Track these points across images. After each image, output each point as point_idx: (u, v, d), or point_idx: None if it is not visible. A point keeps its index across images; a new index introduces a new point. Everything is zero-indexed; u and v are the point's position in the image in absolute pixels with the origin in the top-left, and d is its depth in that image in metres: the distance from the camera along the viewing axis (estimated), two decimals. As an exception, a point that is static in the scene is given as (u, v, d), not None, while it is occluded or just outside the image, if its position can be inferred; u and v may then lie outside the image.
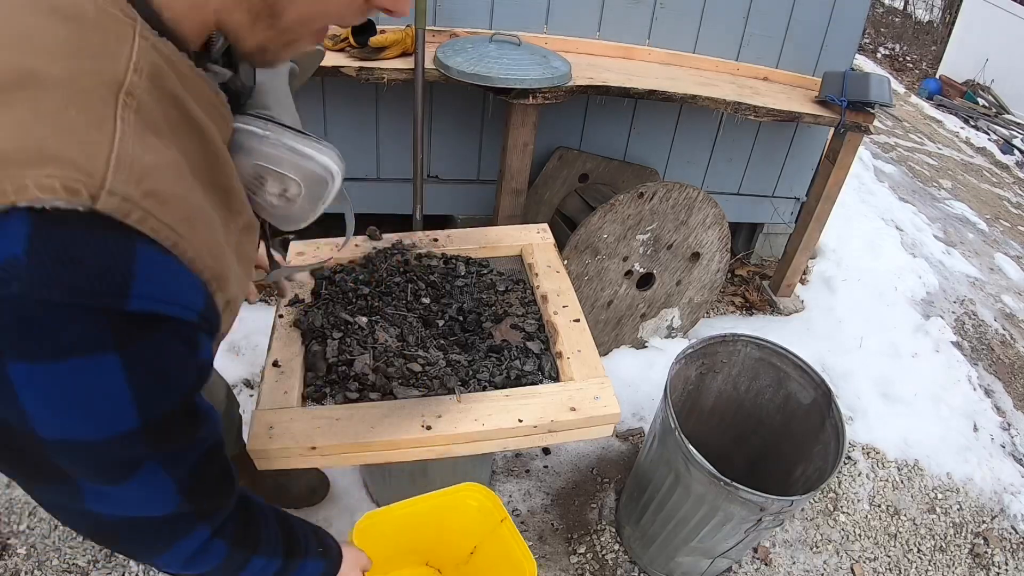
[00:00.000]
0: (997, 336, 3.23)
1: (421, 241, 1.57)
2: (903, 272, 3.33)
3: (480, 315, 1.39)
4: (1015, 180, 5.45)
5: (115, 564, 1.72)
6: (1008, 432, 2.66)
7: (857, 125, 2.34)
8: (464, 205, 2.56)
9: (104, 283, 0.41)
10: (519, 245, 1.60)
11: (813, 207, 2.64)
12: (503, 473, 2.07)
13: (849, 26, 2.50)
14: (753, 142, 2.71)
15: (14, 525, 1.77)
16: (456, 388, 1.21)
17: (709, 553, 1.69)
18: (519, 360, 1.30)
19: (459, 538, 1.31)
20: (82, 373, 0.44)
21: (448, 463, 1.69)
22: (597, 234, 2.12)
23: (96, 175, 0.40)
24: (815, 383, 1.73)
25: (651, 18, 2.30)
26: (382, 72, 1.90)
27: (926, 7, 8.95)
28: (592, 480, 2.11)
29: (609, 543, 1.94)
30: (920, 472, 2.36)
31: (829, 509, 2.18)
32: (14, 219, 0.38)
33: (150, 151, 0.44)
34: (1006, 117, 6.38)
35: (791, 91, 2.46)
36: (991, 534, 2.23)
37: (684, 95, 2.10)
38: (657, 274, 2.34)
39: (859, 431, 2.42)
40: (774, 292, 2.95)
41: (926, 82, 7.04)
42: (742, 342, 1.81)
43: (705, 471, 1.45)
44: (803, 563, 2.02)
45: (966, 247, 3.97)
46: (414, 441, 1.13)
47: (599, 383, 1.24)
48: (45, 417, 0.45)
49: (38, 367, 0.42)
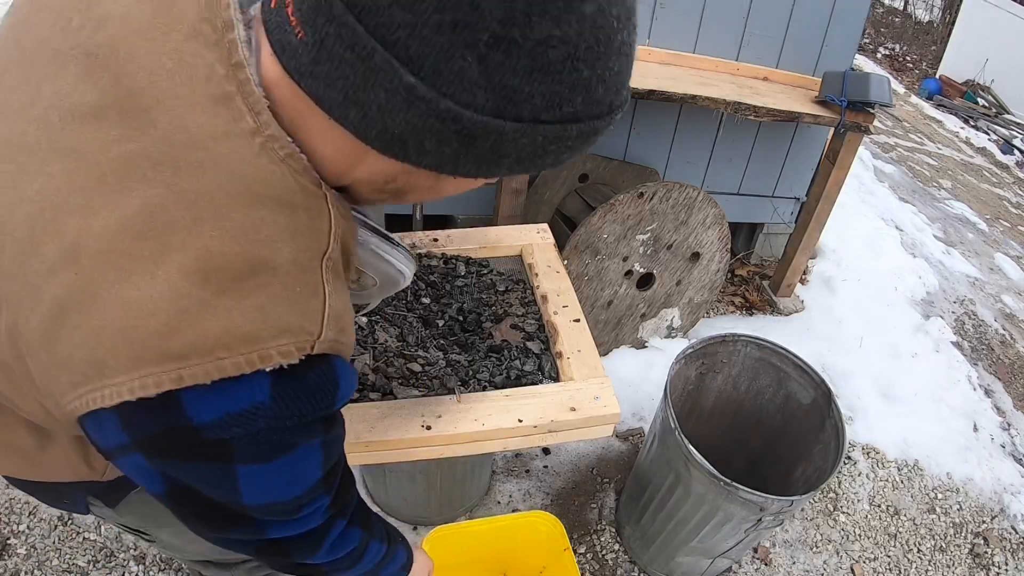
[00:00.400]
0: (997, 336, 3.23)
1: (421, 241, 1.57)
2: (903, 272, 3.33)
3: (480, 315, 1.39)
4: (1015, 180, 5.45)
5: (115, 564, 1.72)
6: (1008, 432, 2.66)
7: (857, 125, 2.34)
8: (464, 205, 2.56)
9: (324, 402, 0.55)
10: (519, 245, 1.59)
11: (813, 207, 2.64)
12: (503, 473, 2.07)
13: (849, 26, 2.49)
14: (753, 142, 2.71)
15: (14, 525, 1.77)
16: (456, 388, 1.21)
17: (709, 553, 1.69)
18: (519, 360, 1.30)
19: (531, 556, 1.50)
20: (294, 460, 0.56)
21: (448, 463, 1.69)
22: (597, 234, 2.12)
23: (315, 332, 0.52)
24: (815, 383, 1.73)
25: (651, 18, 2.30)
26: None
27: (926, 7, 8.95)
28: (592, 480, 2.11)
29: (609, 543, 1.94)
30: (920, 472, 2.36)
31: (829, 509, 2.18)
32: (260, 377, 0.49)
33: (339, 295, 0.55)
34: (1006, 117, 6.38)
35: (791, 91, 2.45)
36: (991, 534, 2.23)
37: (684, 95, 2.10)
38: (657, 274, 2.34)
39: (859, 431, 2.42)
40: (774, 292, 2.95)
41: (926, 82, 7.04)
42: (742, 342, 1.81)
43: (705, 471, 1.45)
44: (803, 563, 2.02)
45: (966, 247, 3.97)
46: (414, 441, 1.13)
47: (599, 383, 1.24)
48: (255, 493, 0.56)
49: (261, 466, 0.54)
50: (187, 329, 0.47)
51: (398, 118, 0.47)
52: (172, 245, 0.48)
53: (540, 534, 1.51)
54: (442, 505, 1.83)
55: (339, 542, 0.72)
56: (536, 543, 1.52)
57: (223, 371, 0.48)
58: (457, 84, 0.45)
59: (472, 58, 0.44)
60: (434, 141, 0.49)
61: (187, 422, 0.49)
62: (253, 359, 0.48)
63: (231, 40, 0.50)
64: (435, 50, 0.44)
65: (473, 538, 1.50)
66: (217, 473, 0.54)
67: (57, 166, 0.50)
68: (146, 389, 0.47)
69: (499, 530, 1.52)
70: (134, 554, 1.75)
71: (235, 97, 0.50)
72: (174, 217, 0.48)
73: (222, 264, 0.48)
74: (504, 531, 1.52)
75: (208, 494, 0.56)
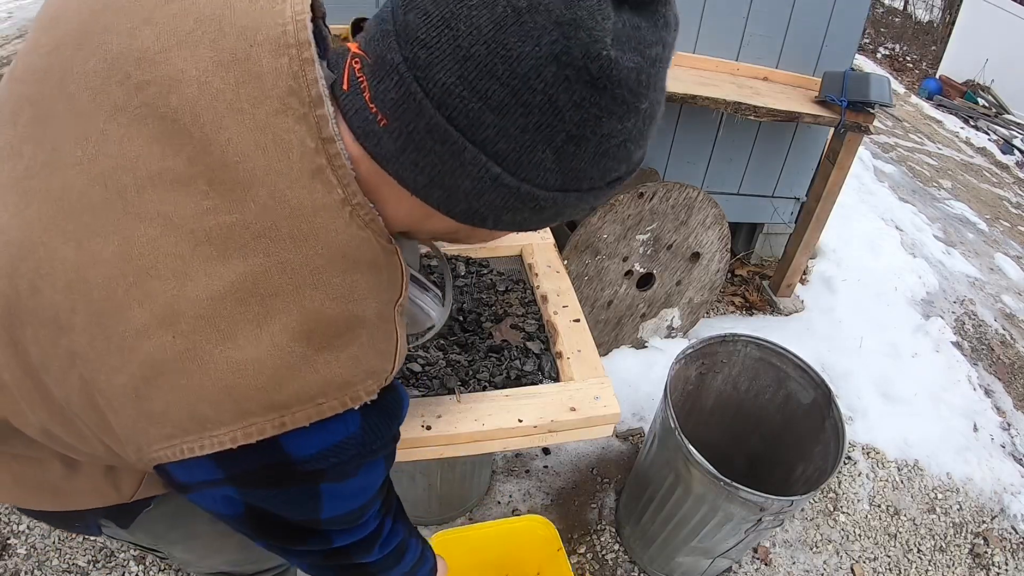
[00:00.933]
0: (997, 336, 3.23)
1: (421, 241, 1.57)
2: (903, 272, 3.33)
3: (480, 315, 1.39)
4: (1015, 180, 5.45)
5: (115, 564, 1.72)
6: (1008, 432, 2.66)
7: (857, 125, 2.34)
8: (464, 205, 2.56)
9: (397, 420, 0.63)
10: (519, 245, 1.59)
11: (813, 207, 2.64)
12: (503, 473, 2.07)
13: (849, 26, 2.49)
14: (753, 142, 2.71)
15: (14, 525, 1.77)
16: (456, 388, 1.21)
17: (709, 553, 1.69)
18: (519, 360, 1.30)
19: (529, 559, 1.57)
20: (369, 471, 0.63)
21: (448, 463, 1.69)
22: (597, 234, 2.12)
23: (389, 369, 0.59)
24: (815, 383, 1.73)
25: (651, 18, 2.30)
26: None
27: (926, 7, 8.95)
28: (592, 480, 2.11)
29: (609, 543, 1.94)
30: (920, 472, 2.36)
31: (829, 509, 2.18)
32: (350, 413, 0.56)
33: (403, 333, 0.62)
34: (1006, 117, 6.39)
35: (791, 91, 2.45)
36: (991, 534, 2.23)
37: (684, 95, 2.10)
38: (657, 274, 2.34)
39: (859, 431, 2.42)
40: (774, 292, 2.95)
41: (926, 82, 7.04)
42: (742, 342, 1.81)
43: (705, 471, 1.45)
44: (803, 563, 2.02)
45: (966, 247, 3.97)
46: (414, 441, 1.13)
47: (599, 383, 1.24)
48: (331, 508, 0.62)
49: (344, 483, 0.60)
50: (291, 383, 0.51)
51: (483, 200, 0.54)
52: (275, 308, 0.51)
53: (537, 538, 1.56)
54: (442, 505, 1.83)
55: (389, 537, 0.78)
56: (533, 547, 1.56)
57: (322, 414, 0.53)
58: (535, 171, 0.52)
59: (550, 151, 0.51)
60: (510, 214, 0.56)
61: (286, 458, 0.54)
62: (346, 401, 0.54)
63: (320, 115, 0.52)
64: (519, 147, 0.50)
65: (474, 542, 1.54)
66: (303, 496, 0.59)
67: (138, 230, 0.50)
68: (248, 438, 0.51)
69: (499, 534, 1.57)
70: (134, 554, 1.74)
71: (326, 170, 0.52)
72: (277, 284, 0.51)
73: (324, 324, 0.53)
74: (504, 535, 1.57)
75: (285, 515, 0.61)
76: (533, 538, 1.56)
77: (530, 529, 1.57)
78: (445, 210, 0.56)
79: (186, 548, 1.02)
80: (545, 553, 1.54)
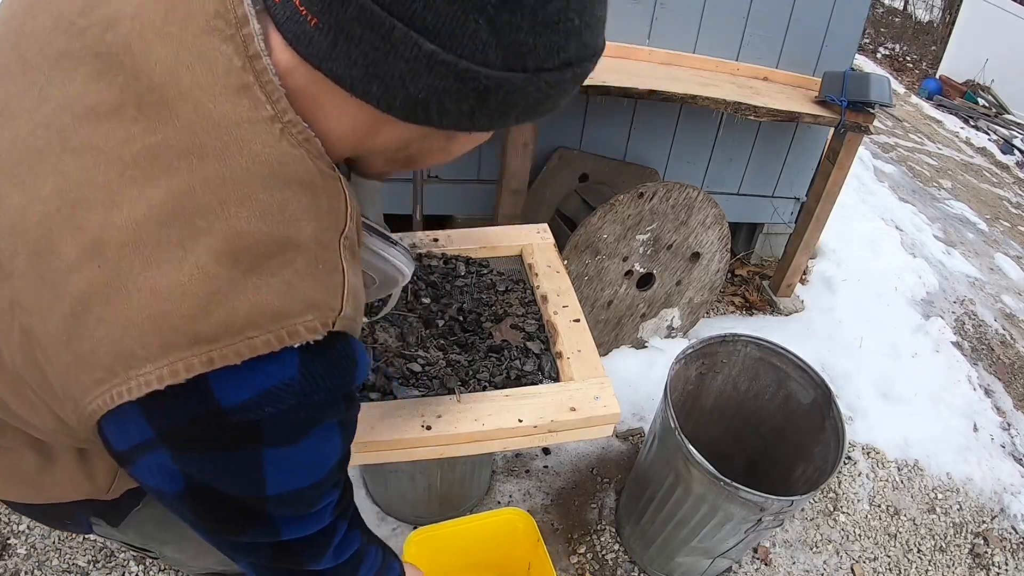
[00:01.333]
0: (997, 336, 3.23)
1: (421, 241, 1.57)
2: (903, 272, 3.33)
3: (480, 315, 1.39)
4: (1015, 180, 5.45)
5: (115, 564, 1.72)
6: (1008, 432, 2.66)
7: (857, 125, 2.34)
8: (464, 205, 2.56)
9: (346, 378, 0.56)
10: (519, 245, 1.59)
11: (813, 207, 2.64)
12: (503, 473, 2.07)
13: (849, 26, 2.49)
14: (753, 142, 2.71)
15: (14, 525, 1.77)
16: (456, 388, 1.21)
17: (709, 553, 1.69)
18: (519, 360, 1.30)
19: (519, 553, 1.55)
20: (319, 438, 0.57)
21: (448, 463, 1.69)
22: (597, 234, 2.12)
23: (336, 308, 0.53)
24: (815, 383, 1.73)
25: (651, 18, 2.30)
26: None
27: (926, 7, 8.95)
28: (592, 480, 2.11)
29: (609, 543, 1.94)
30: (920, 472, 2.36)
31: (829, 509, 2.18)
32: (288, 353, 0.51)
33: (354, 274, 0.57)
34: (1006, 117, 6.38)
35: (791, 91, 2.45)
36: (991, 534, 2.23)
37: (684, 95, 2.10)
38: (657, 274, 2.34)
39: (859, 431, 2.42)
40: (774, 292, 2.95)
41: (926, 82, 7.04)
42: (742, 342, 1.81)
43: (705, 471, 1.45)
44: (803, 563, 2.02)
45: (966, 247, 3.97)
46: (414, 441, 1.13)
47: (599, 383, 1.24)
48: (278, 480, 0.56)
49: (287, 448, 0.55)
50: (217, 310, 0.48)
51: (420, 83, 0.51)
52: (200, 229, 0.48)
53: (519, 531, 1.55)
54: (442, 505, 1.83)
55: (343, 544, 0.73)
56: (517, 541, 1.55)
57: (254, 350, 0.49)
58: (471, 45, 0.49)
59: (483, 20, 0.48)
60: (454, 101, 0.53)
61: (216, 406, 0.49)
62: (282, 335, 0.50)
63: (247, 34, 0.52)
64: (448, 18, 0.48)
65: (455, 539, 1.52)
66: (243, 461, 0.54)
67: (72, 164, 0.50)
68: (176, 375, 0.47)
69: (480, 529, 1.54)
70: (134, 554, 1.75)
71: (253, 87, 0.52)
72: (201, 202, 0.49)
73: (250, 243, 0.50)
74: (485, 530, 1.54)
75: (228, 491, 0.56)
76: (515, 532, 1.55)
77: (510, 523, 1.54)
78: (385, 106, 0.53)
79: (177, 548, 1.02)
80: (531, 545, 1.54)
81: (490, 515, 1.55)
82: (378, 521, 1.88)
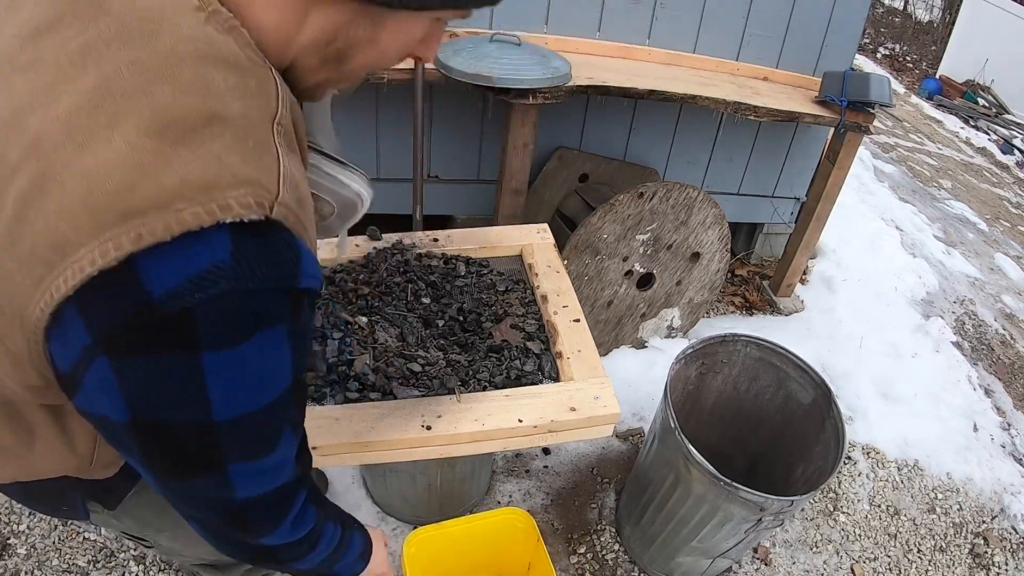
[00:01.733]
0: (997, 336, 3.23)
1: (421, 241, 1.57)
2: (903, 272, 3.33)
3: (480, 315, 1.40)
4: (1015, 180, 5.45)
5: (115, 564, 1.72)
6: (1008, 432, 2.66)
7: (857, 125, 2.34)
8: (464, 205, 2.56)
9: (288, 269, 0.53)
10: (519, 245, 1.60)
11: (813, 207, 2.64)
12: (503, 473, 2.07)
13: (849, 26, 2.49)
14: (753, 142, 2.71)
15: (14, 525, 1.77)
16: (456, 388, 1.21)
17: (709, 553, 1.69)
18: (519, 360, 1.30)
19: (519, 553, 1.54)
20: (263, 346, 0.54)
21: (448, 463, 1.69)
22: (597, 234, 2.12)
23: (273, 190, 0.52)
24: (815, 383, 1.73)
25: (651, 18, 2.30)
26: (383, 72, 1.89)
27: (926, 7, 8.95)
28: (592, 480, 2.11)
29: (609, 543, 1.94)
30: (920, 472, 2.36)
31: (829, 509, 2.18)
32: (219, 232, 0.49)
33: (294, 165, 0.56)
34: (1006, 117, 6.38)
35: (791, 91, 2.46)
36: (991, 534, 2.23)
37: (684, 95, 2.10)
38: (657, 274, 2.34)
39: (859, 431, 2.42)
40: (774, 292, 2.95)
41: (926, 82, 7.04)
42: (742, 342, 1.81)
43: (705, 471, 1.45)
44: (803, 563, 2.02)
45: (966, 247, 3.97)
46: (414, 441, 1.13)
47: (599, 383, 1.24)
48: (224, 398, 0.54)
49: (229, 353, 0.52)
50: (145, 183, 0.47)
51: None
52: (127, 108, 0.49)
53: (519, 531, 1.55)
54: (442, 505, 1.83)
55: (299, 518, 0.73)
56: (516, 540, 1.56)
57: (183, 224, 0.47)
58: None
59: None
60: None
61: (146, 296, 0.47)
62: (212, 208, 0.48)
63: None
64: None
65: (455, 539, 1.52)
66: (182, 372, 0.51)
67: (19, 80, 0.52)
68: (106, 256, 0.46)
69: (480, 529, 1.54)
70: (134, 554, 1.75)
71: None
72: (127, 83, 0.50)
73: (176, 117, 0.49)
74: (485, 530, 1.55)
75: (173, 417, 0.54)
76: (515, 532, 1.55)
77: (510, 523, 1.55)
78: None
79: (172, 536, 1.02)
80: (530, 545, 1.54)
81: (490, 515, 1.55)
82: (378, 521, 1.88)
